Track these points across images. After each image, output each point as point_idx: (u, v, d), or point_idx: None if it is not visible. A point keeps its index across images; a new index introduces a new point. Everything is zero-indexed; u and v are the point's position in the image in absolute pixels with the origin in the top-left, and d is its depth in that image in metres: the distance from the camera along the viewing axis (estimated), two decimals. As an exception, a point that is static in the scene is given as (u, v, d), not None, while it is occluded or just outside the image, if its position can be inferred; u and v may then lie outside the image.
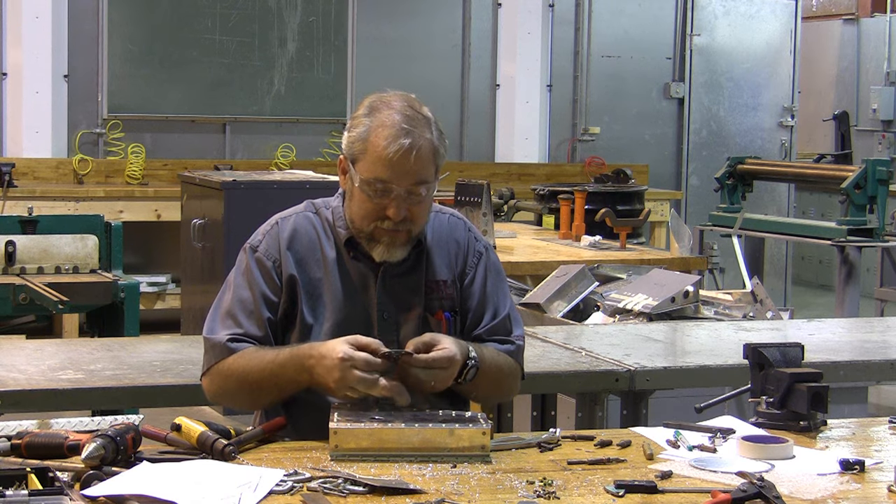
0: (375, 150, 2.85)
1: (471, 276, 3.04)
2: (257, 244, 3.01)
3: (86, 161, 9.64)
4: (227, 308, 2.95)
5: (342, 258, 2.96)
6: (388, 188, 2.85)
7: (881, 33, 13.43)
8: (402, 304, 2.97)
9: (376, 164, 2.85)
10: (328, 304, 2.94)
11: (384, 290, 2.96)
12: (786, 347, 3.10)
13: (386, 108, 2.89)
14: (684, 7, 11.52)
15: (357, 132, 2.89)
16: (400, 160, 2.84)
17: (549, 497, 2.41)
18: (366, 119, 2.89)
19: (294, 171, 8.56)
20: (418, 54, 10.74)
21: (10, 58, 9.51)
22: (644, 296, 5.03)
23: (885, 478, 2.61)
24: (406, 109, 2.89)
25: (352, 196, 2.93)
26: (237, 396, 2.94)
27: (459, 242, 3.06)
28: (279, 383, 2.85)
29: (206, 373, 2.95)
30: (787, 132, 11.93)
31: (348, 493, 2.41)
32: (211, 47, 9.95)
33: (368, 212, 2.89)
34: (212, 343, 2.93)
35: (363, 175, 2.86)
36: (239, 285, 2.97)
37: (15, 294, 5.31)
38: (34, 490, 2.30)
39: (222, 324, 2.93)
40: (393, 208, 2.86)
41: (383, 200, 2.87)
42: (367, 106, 2.93)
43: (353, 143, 2.90)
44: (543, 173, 10.83)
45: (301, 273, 2.95)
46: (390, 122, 2.86)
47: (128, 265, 6.79)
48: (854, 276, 7.71)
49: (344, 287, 2.95)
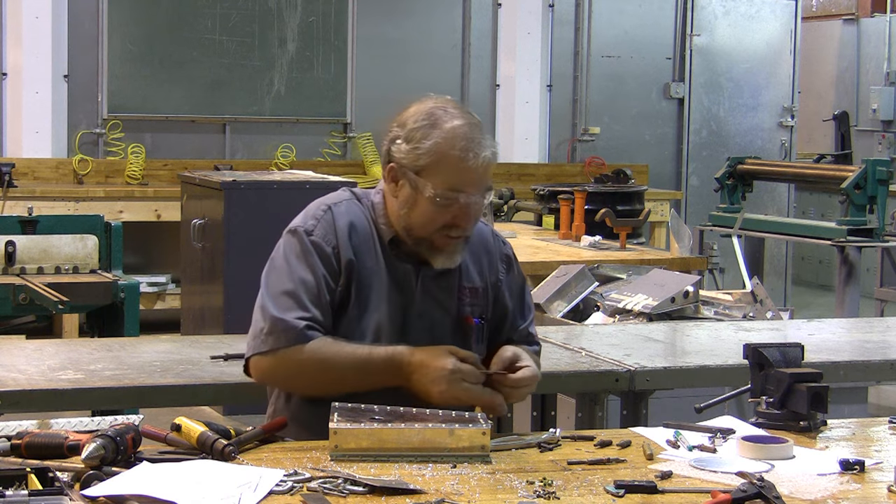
0: (451, 162, 2.89)
1: (505, 282, 3.12)
2: (311, 228, 2.96)
3: (86, 161, 9.64)
4: (289, 290, 2.89)
5: (386, 254, 2.99)
6: (463, 197, 2.90)
7: (881, 33, 13.43)
8: (437, 306, 3.02)
9: (452, 175, 2.89)
10: (374, 297, 2.95)
11: (423, 290, 3.00)
12: (786, 347, 3.10)
13: (449, 119, 2.93)
14: (684, 7, 11.52)
15: (426, 145, 2.91)
16: (475, 170, 2.90)
17: (549, 497, 2.41)
18: (431, 131, 2.91)
19: (294, 171, 8.55)
20: (418, 54, 10.74)
21: (10, 58, 9.51)
22: (644, 296, 5.03)
23: (885, 478, 2.61)
24: (467, 117, 2.95)
25: (413, 205, 2.94)
26: (309, 383, 2.89)
27: (490, 250, 3.13)
28: (367, 381, 2.85)
29: (266, 353, 2.88)
30: (787, 132, 11.93)
31: (348, 493, 2.41)
32: (211, 47, 9.95)
33: (436, 221, 2.92)
34: (285, 326, 2.86)
35: (437, 186, 2.89)
36: (298, 267, 2.92)
37: (15, 294, 5.31)
38: (34, 490, 2.30)
39: (288, 306, 2.88)
40: (464, 217, 2.92)
41: (452, 209, 2.91)
42: (426, 117, 2.94)
43: (419, 154, 2.91)
44: (543, 173, 10.83)
45: (358, 262, 2.95)
46: (461, 134, 2.90)
47: (128, 265, 6.79)
48: (854, 276, 7.71)
49: (388, 283, 2.97)
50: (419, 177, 2.91)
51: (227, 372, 3.71)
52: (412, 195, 2.94)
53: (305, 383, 2.91)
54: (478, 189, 2.92)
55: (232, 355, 3.87)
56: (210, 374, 3.67)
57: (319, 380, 2.87)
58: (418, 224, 2.94)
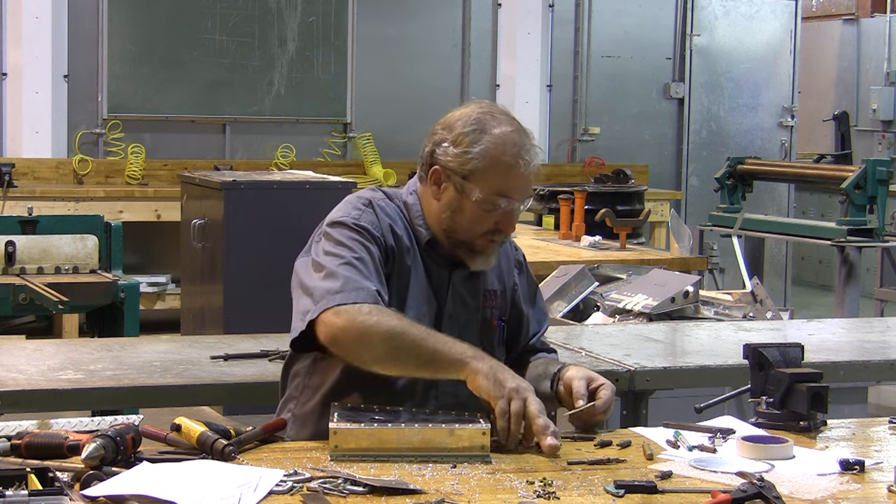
0: (501, 168, 2.91)
1: (521, 287, 3.17)
2: (358, 216, 2.93)
3: (86, 161, 9.64)
4: (353, 261, 2.83)
5: (421, 253, 3.00)
6: (507, 203, 2.93)
7: (881, 33, 13.43)
8: (465, 308, 3.04)
9: (501, 180, 2.92)
10: (410, 295, 2.96)
11: (454, 293, 3.02)
12: (786, 347, 3.10)
13: (498, 125, 2.94)
14: (684, 7, 11.53)
15: (476, 149, 2.91)
16: (524, 177, 2.95)
17: (549, 497, 2.41)
18: (481, 136, 2.92)
19: (294, 171, 8.56)
20: (418, 54, 10.74)
21: (10, 58, 9.51)
22: (644, 296, 5.03)
23: (885, 478, 2.61)
24: (515, 123, 2.97)
25: (457, 209, 2.95)
26: (374, 347, 2.77)
27: (507, 255, 3.16)
28: (431, 362, 2.77)
29: (336, 308, 2.78)
30: (787, 132, 11.94)
31: (348, 493, 2.41)
32: (211, 47, 9.95)
33: (480, 225, 2.94)
34: (359, 285, 2.79)
35: (485, 191, 2.91)
36: (354, 246, 2.86)
37: (15, 294, 5.31)
38: (34, 490, 2.30)
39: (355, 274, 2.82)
40: (508, 223, 2.96)
41: (497, 213, 2.93)
42: (476, 123, 2.94)
43: (469, 158, 2.92)
44: (543, 173, 10.83)
45: (398, 255, 2.95)
46: (512, 140, 2.93)
47: (128, 265, 6.79)
48: (854, 276, 7.71)
49: (425, 282, 2.99)
50: (466, 181, 2.92)
51: (227, 372, 3.71)
52: (457, 199, 2.95)
53: (372, 347, 2.78)
54: (524, 195, 2.97)
55: (232, 355, 3.87)
56: (210, 374, 3.67)
57: (387, 346, 2.76)
58: (462, 228, 2.96)
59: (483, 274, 3.07)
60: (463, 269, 3.03)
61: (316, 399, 2.96)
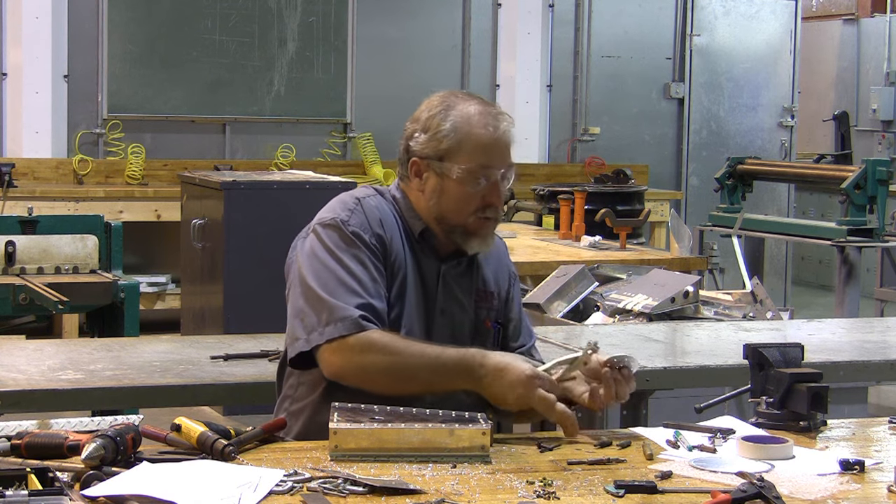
0: (474, 138, 2.92)
1: (510, 297, 3.15)
2: (346, 218, 2.92)
3: (86, 161, 9.64)
4: (340, 277, 2.83)
5: (413, 248, 2.99)
6: (490, 173, 2.93)
7: (881, 33, 13.43)
8: (457, 306, 3.02)
9: (476, 150, 2.92)
10: (402, 291, 2.95)
11: (445, 287, 3.01)
12: (786, 347, 3.10)
13: (462, 102, 2.96)
14: (684, 7, 11.53)
15: (445, 128, 2.93)
16: (498, 144, 2.93)
17: (548, 497, 2.41)
18: (448, 114, 2.94)
19: (294, 171, 8.56)
20: (418, 54, 10.74)
21: (10, 58, 9.51)
22: (644, 296, 5.03)
23: (885, 478, 2.61)
24: (478, 98, 2.99)
25: (442, 193, 2.95)
26: (379, 379, 2.80)
27: (505, 263, 3.17)
28: (437, 381, 2.82)
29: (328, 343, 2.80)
30: (787, 132, 11.94)
31: (348, 493, 2.41)
32: (211, 47, 9.95)
33: (468, 203, 2.94)
34: (342, 315, 2.79)
35: (464, 165, 2.91)
36: (345, 255, 2.86)
37: (15, 294, 5.31)
38: (34, 490, 2.30)
39: (341, 293, 2.82)
40: (495, 194, 2.94)
41: (481, 188, 2.93)
42: (440, 105, 2.97)
43: (439, 138, 2.93)
44: (543, 173, 10.84)
45: (389, 252, 2.94)
46: (478, 111, 2.94)
47: (128, 265, 6.80)
48: (854, 276, 7.71)
49: (416, 277, 2.98)
50: (444, 162, 2.93)
51: (227, 372, 3.71)
52: (439, 183, 2.95)
53: (377, 378, 2.81)
54: (503, 162, 2.94)
55: (232, 355, 3.87)
56: (210, 374, 3.67)
57: (391, 376, 2.80)
58: (451, 210, 2.95)
59: (476, 272, 3.06)
60: (454, 261, 3.01)
61: (311, 397, 2.96)
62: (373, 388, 2.84)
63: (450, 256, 3.03)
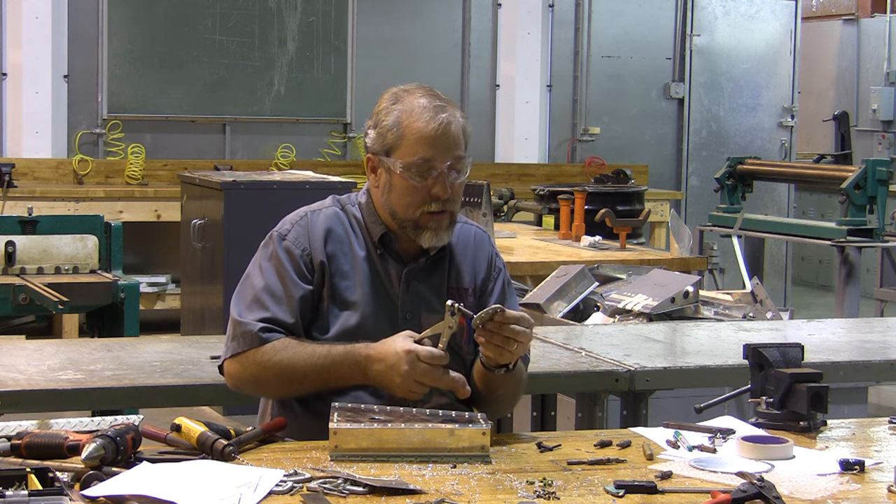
0: (414, 131, 2.92)
1: (490, 289, 3.09)
2: (286, 232, 3.01)
3: (86, 161, 9.64)
4: (256, 293, 2.95)
5: (371, 256, 2.99)
6: (432, 166, 2.91)
7: (881, 33, 13.43)
8: (424, 306, 3.00)
9: (417, 144, 2.91)
10: (354, 301, 2.95)
11: (408, 290, 2.99)
12: (786, 348, 3.10)
13: (410, 95, 2.96)
14: (684, 7, 11.52)
15: (388, 122, 2.95)
16: (440, 136, 2.91)
17: (548, 497, 2.41)
18: (394, 107, 2.95)
19: (294, 171, 8.56)
20: (418, 54, 10.74)
21: (10, 58, 9.51)
22: (644, 296, 5.03)
23: (885, 478, 2.61)
24: (429, 92, 2.98)
25: (391, 188, 2.96)
26: (272, 386, 2.93)
27: (484, 256, 3.11)
28: (328, 379, 2.87)
29: (231, 357, 2.94)
30: (787, 132, 11.93)
31: (348, 493, 2.41)
32: (211, 47, 9.95)
33: (414, 197, 2.93)
34: (243, 330, 2.91)
35: (405, 159, 2.92)
36: (267, 270, 2.97)
37: (15, 294, 5.31)
38: (34, 490, 2.30)
39: (251, 308, 2.93)
40: (439, 186, 2.92)
41: (427, 182, 2.92)
42: (389, 98, 2.98)
43: (384, 133, 2.95)
44: (543, 173, 10.83)
45: (332, 265, 2.96)
46: (421, 105, 2.94)
47: (128, 265, 6.79)
48: (854, 276, 7.71)
49: (371, 285, 2.97)
50: (389, 157, 2.94)
51: (227, 372, 3.71)
52: (388, 178, 2.96)
53: (270, 386, 2.93)
54: (446, 156, 2.92)
55: (232, 355, 3.87)
56: (210, 374, 3.66)
57: (282, 381, 2.89)
58: (399, 205, 2.95)
59: (448, 271, 3.03)
60: (417, 263, 3.00)
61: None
62: (267, 395, 3.00)
63: (416, 256, 3.01)
